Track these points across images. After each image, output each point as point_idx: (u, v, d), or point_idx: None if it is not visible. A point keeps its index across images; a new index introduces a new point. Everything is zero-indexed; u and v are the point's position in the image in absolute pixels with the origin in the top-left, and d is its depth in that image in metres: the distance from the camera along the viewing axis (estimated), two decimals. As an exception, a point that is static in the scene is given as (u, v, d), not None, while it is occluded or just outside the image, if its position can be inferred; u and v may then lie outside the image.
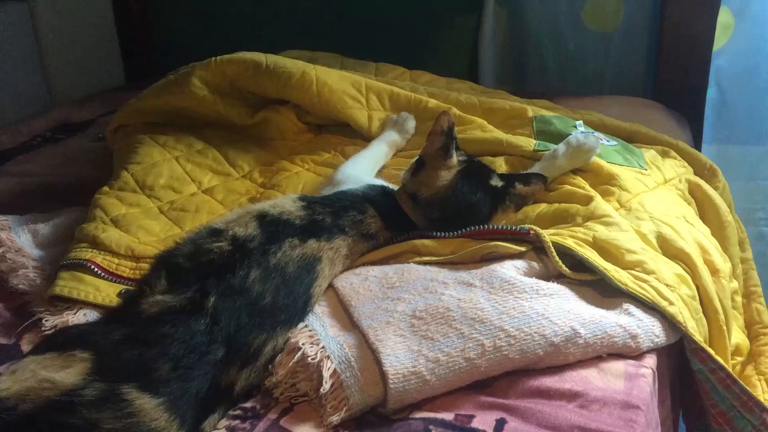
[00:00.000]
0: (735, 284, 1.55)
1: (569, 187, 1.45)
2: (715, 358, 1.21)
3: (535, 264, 1.24)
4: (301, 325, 1.16)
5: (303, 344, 1.11)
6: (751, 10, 2.06)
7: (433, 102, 1.80)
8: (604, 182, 1.47)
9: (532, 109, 1.76)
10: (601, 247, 1.26)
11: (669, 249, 1.34)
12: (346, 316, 1.17)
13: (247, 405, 1.09)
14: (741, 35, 2.05)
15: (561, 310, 1.13)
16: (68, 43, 2.47)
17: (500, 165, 1.56)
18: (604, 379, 1.08)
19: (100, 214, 1.49)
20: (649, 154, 1.66)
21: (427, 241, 1.31)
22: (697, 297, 1.30)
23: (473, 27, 2.36)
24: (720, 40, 2.06)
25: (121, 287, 1.31)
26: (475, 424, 1.01)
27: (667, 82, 2.23)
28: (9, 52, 2.30)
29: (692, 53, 2.14)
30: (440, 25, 2.40)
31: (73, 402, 0.94)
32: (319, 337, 1.12)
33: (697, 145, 2.10)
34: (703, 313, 1.30)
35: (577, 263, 1.23)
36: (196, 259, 1.15)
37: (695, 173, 1.68)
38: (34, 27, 2.38)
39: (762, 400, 1.25)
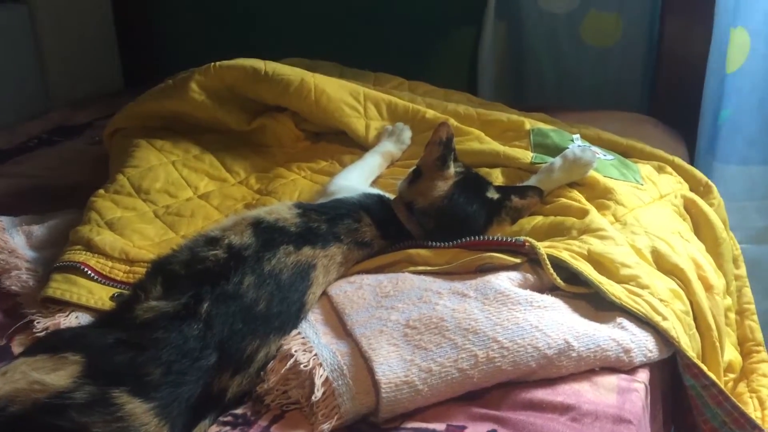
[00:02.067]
0: (728, 301, 1.55)
1: (565, 200, 1.45)
2: (707, 375, 1.20)
3: (529, 276, 1.24)
4: (294, 332, 1.15)
5: (296, 351, 1.10)
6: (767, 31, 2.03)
7: (430, 113, 1.80)
8: (600, 196, 1.47)
9: (529, 122, 1.76)
10: (595, 260, 1.27)
11: (663, 264, 1.34)
12: (339, 324, 1.17)
13: (238, 411, 1.08)
14: (758, 56, 2.03)
15: (554, 323, 1.13)
16: (67, 45, 2.47)
17: (497, 177, 1.57)
18: (596, 393, 1.08)
19: (95, 216, 1.49)
20: (645, 169, 1.67)
21: (422, 251, 1.31)
22: (691, 313, 1.30)
23: (472, 39, 2.36)
24: (737, 61, 2.03)
25: (115, 290, 1.31)
26: (466, 435, 1.01)
27: (664, 98, 2.23)
28: (8, 53, 2.29)
29: (689, 70, 2.15)
30: (440, 37, 2.40)
31: (63, 404, 0.94)
32: (312, 344, 1.12)
33: (692, 162, 2.10)
34: (697, 329, 1.30)
35: (572, 276, 1.24)
36: (191, 267, 1.15)
37: (690, 189, 1.68)
38: (34, 29, 2.38)
39: (754, 417, 1.25)
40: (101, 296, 1.29)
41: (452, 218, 1.35)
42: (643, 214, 1.46)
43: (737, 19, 2.00)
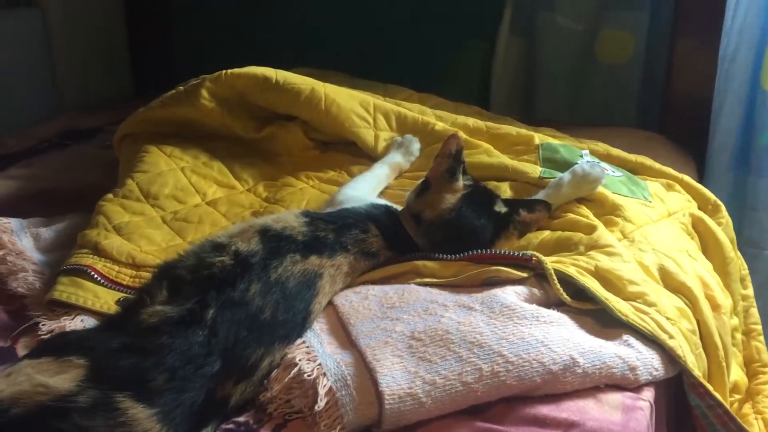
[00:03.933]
0: (735, 321, 1.55)
1: (573, 215, 1.45)
2: (713, 395, 1.20)
3: (536, 291, 1.24)
4: (298, 341, 1.15)
5: (300, 360, 1.10)
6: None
7: (440, 125, 1.80)
8: (608, 212, 1.47)
9: (538, 137, 1.77)
10: (602, 276, 1.26)
11: (671, 282, 1.34)
12: (344, 334, 1.17)
13: (241, 419, 1.08)
14: None
15: (560, 339, 1.13)
16: (79, 50, 2.49)
17: (505, 190, 1.57)
18: (601, 410, 1.07)
19: (103, 221, 1.49)
20: (654, 186, 1.66)
21: (428, 263, 1.31)
22: (698, 332, 1.29)
23: (485, 54, 2.37)
24: None
25: (121, 295, 1.31)
26: (469, 449, 1.01)
27: (673, 116, 2.23)
28: (20, 57, 2.31)
29: (699, 89, 2.15)
30: (453, 51, 2.41)
31: (66, 408, 0.94)
32: (317, 353, 1.11)
33: (701, 180, 2.10)
34: (703, 348, 1.30)
35: (578, 292, 1.23)
36: (197, 272, 1.15)
37: (699, 208, 1.67)
38: (46, 33, 2.39)
39: (759, 439, 1.24)
40: (107, 300, 1.29)
41: (460, 231, 1.35)
42: (651, 231, 1.45)
43: None
